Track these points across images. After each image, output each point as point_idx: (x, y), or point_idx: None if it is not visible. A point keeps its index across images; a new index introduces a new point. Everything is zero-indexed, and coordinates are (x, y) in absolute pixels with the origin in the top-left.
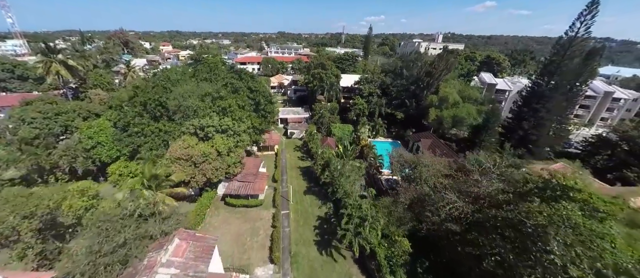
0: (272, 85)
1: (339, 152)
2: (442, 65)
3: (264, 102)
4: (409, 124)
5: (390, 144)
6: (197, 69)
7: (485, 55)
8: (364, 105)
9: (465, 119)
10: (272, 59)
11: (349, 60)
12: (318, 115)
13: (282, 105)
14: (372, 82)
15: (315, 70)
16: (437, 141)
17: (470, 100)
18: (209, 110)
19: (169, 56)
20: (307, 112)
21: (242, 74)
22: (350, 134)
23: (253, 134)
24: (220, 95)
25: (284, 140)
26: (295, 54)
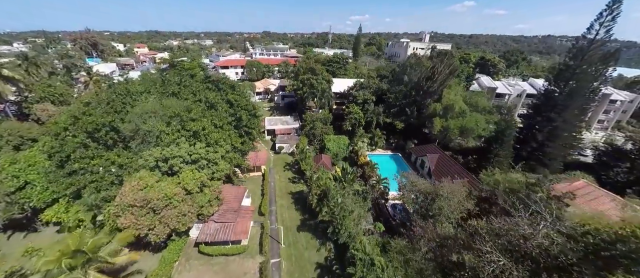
0: (257, 91)
1: (337, 176)
2: (445, 70)
3: (246, 117)
4: (410, 134)
5: (390, 157)
6: (165, 79)
7: (479, 57)
8: (360, 114)
9: (474, 130)
10: (256, 62)
11: (339, 63)
12: (309, 125)
13: (269, 113)
14: (367, 88)
15: (304, 76)
16: (444, 157)
17: (477, 109)
18: (177, 135)
19: (144, 59)
20: (297, 120)
21: (220, 84)
22: (346, 148)
23: (234, 158)
24: (191, 116)
25: (272, 156)
26: (282, 56)
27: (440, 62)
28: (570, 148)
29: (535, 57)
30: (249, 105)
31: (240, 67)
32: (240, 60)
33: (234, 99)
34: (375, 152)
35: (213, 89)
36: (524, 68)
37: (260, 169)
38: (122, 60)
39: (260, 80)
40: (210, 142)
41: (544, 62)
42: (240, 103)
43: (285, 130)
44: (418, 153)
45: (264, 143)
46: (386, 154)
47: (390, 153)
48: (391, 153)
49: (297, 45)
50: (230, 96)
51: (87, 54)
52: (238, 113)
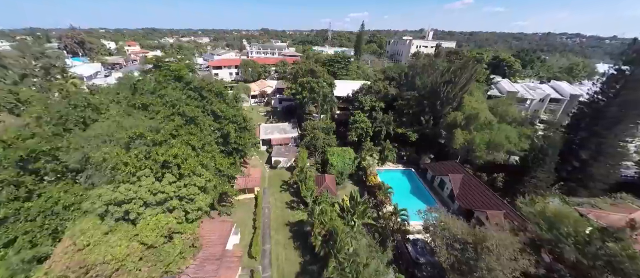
0: (252, 93)
1: (344, 206)
2: (465, 73)
3: (235, 134)
4: (424, 147)
5: (402, 173)
6: (137, 87)
7: (492, 56)
8: (368, 123)
9: (503, 146)
10: (252, 62)
11: (340, 62)
12: (310, 136)
13: (265, 119)
14: (374, 93)
15: (303, 79)
16: (470, 179)
17: (505, 119)
18: (138, 165)
19: (135, 58)
20: (296, 128)
21: (204, 92)
22: (352, 163)
23: (219, 185)
24: (159, 138)
25: (267, 172)
26: (280, 55)
27: (461, 67)
28: (617, 166)
29: (543, 55)
30: (238, 117)
31: (234, 67)
32: (234, 60)
33: (219, 110)
34: (384, 167)
35: (195, 98)
36: (539, 68)
37: (253, 190)
38: (111, 59)
39: (255, 82)
40: (185, 173)
41: (559, 61)
42: (227, 114)
43: (282, 140)
44: (436, 171)
45: (258, 155)
46: (397, 169)
47: (402, 169)
48: (403, 168)
49: (296, 43)
50: (216, 107)
51: (73, 54)
52: (225, 128)
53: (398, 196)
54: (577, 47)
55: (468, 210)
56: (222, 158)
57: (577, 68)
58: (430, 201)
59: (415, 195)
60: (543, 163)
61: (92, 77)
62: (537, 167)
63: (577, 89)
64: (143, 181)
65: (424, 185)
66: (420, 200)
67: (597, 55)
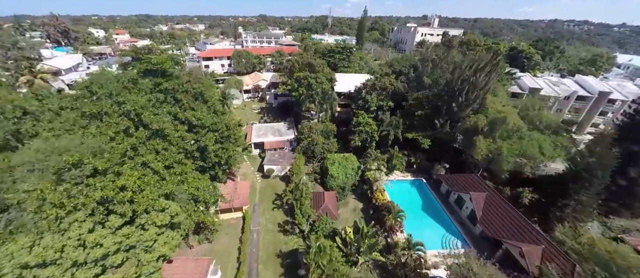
0: (245, 87)
1: (348, 239)
2: (488, 69)
3: (214, 147)
4: (438, 153)
5: (411, 184)
6: (93, 91)
7: (508, 47)
8: (373, 126)
9: (536, 159)
10: (245, 53)
11: (341, 53)
12: (307, 140)
13: (259, 117)
14: (380, 90)
15: (300, 74)
16: (497, 199)
17: (537, 124)
18: (68, 207)
19: (124, 47)
20: (292, 128)
21: (179, 94)
22: (355, 174)
23: (194, 214)
24: (103, 164)
25: (258, 182)
26: (276, 44)
27: (483, 62)
28: None
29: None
30: (220, 124)
31: (226, 58)
32: (226, 50)
33: (195, 118)
34: (391, 177)
35: (169, 102)
36: (559, 60)
37: (242, 209)
38: (97, 49)
39: (249, 74)
40: (140, 210)
41: (580, 52)
42: (205, 123)
43: (276, 144)
44: (454, 186)
45: (250, 160)
46: (406, 180)
47: (411, 179)
48: (412, 178)
49: (295, 31)
50: (190, 114)
51: (56, 43)
52: (202, 141)
53: (407, 214)
54: (584, 34)
55: (494, 238)
56: (199, 178)
57: (600, 60)
58: (446, 221)
59: (427, 212)
60: (589, 184)
61: (72, 69)
62: (580, 189)
63: (606, 85)
64: (72, 231)
65: (437, 200)
66: (434, 220)
67: (605, 43)
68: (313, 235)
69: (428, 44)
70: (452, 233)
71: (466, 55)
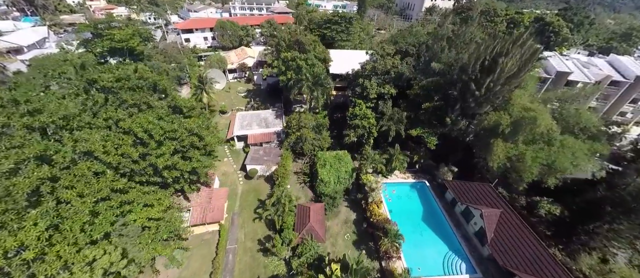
0: (230, 66)
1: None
2: (518, 55)
3: (172, 161)
4: (445, 151)
5: (412, 188)
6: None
7: (534, 17)
8: (372, 120)
9: (567, 170)
10: (230, 23)
11: (340, 24)
12: (295, 135)
13: (244, 102)
14: (381, 74)
15: (288, 54)
16: (513, 220)
17: (570, 126)
18: None
19: (100, 16)
20: (281, 116)
21: (123, 93)
22: (349, 177)
23: (149, 245)
24: None
25: (240, 184)
26: (268, 12)
27: (512, 44)
28: None
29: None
30: (180, 132)
31: (209, 29)
32: (208, 20)
33: (141, 128)
34: (390, 179)
35: (113, 104)
36: (587, 33)
37: (218, 222)
38: (69, 18)
39: (235, 50)
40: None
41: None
42: (156, 132)
43: (262, 138)
44: (461, 196)
45: (232, 155)
46: (406, 182)
47: (412, 181)
48: (413, 180)
49: None
50: (135, 124)
51: (21, 12)
52: (151, 156)
53: (405, 224)
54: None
55: (506, 268)
56: (154, 201)
57: (637, 34)
58: (450, 236)
59: (429, 223)
60: (636, 216)
61: (35, 46)
62: (621, 216)
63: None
64: None
65: (441, 209)
66: (435, 233)
67: (627, 8)
68: (295, 261)
69: (439, 10)
70: (456, 251)
71: (487, 31)
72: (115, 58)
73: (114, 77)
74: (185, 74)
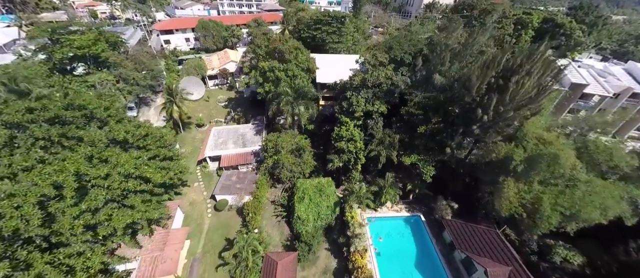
0: (210, 72)
1: None
2: (536, 74)
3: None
4: (443, 180)
5: (406, 222)
6: None
7: (542, 18)
8: (359, 143)
9: (593, 220)
10: (212, 23)
11: (331, 25)
12: (272, 159)
13: (224, 112)
14: (372, 86)
15: (265, 64)
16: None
17: (597, 163)
18: None
19: (82, 14)
20: (262, 131)
21: (35, 129)
22: (332, 212)
23: None
24: None
25: (207, 217)
26: (258, 9)
27: (527, 58)
28: None
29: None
30: (114, 179)
31: (191, 30)
32: (189, 19)
33: (46, 180)
34: (380, 213)
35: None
36: (598, 34)
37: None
38: (49, 16)
39: (219, 52)
40: None
41: (621, 20)
42: (68, 185)
43: (237, 158)
44: (462, 243)
45: (204, 179)
46: (398, 216)
47: (406, 215)
48: (406, 213)
49: None
50: (40, 177)
51: None
52: (58, 217)
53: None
54: None
55: None
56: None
57: None
58: None
59: (423, 270)
60: None
61: (2, 50)
62: None
63: None
64: None
65: (438, 254)
66: None
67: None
68: None
69: (439, 6)
70: None
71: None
72: (80, 65)
73: (24, 107)
74: (158, 83)
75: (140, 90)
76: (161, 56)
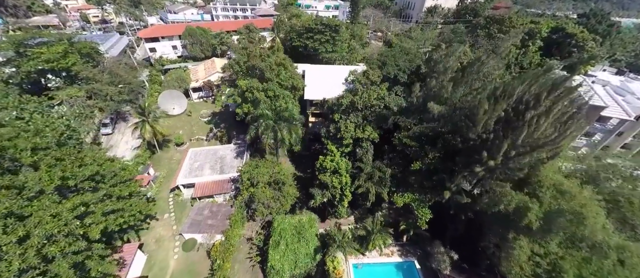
0: (194, 85)
1: None
2: (557, 110)
3: None
4: (441, 220)
5: (397, 269)
6: None
7: (551, 27)
8: (345, 176)
9: None
10: (199, 31)
11: (324, 33)
12: (247, 192)
13: (206, 129)
14: (362, 109)
15: (243, 83)
16: None
17: (627, 219)
18: None
19: (75, 17)
20: (243, 155)
21: None
22: (311, 260)
23: None
24: None
25: (173, 262)
26: (253, 15)
27: (547, 90)
28: None
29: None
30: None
31: (178, 37)
32: (175, 26)
33: None
34: (368, 259)
35: None
36: (612, 43)
37: None
38: (40, 20)
39: (206, 61)
40: None
41: (632, 26)
42: None
43: (213, 187)
44: None
45: (176, 209)
46: (389, 262)
47: (398, 260)
48: (399, 259)
49: None
50: None
51: None
52: None
53: None
54: None
55: None
56: None
57: None
58: None
59: None
60: None
61: None
62: None
63: None
64: None
65: None
66: None
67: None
68: None
69: (441, 10)
70: None
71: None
72: (53, 79)
73: None
74: (137, 96)
75: (115, 106)
76: (143, 66)
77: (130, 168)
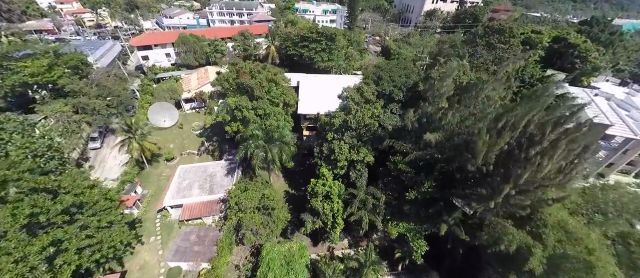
0: (185, 95)
1: None
2: (564, 147)
3: None
4: (439, 248)
5: None
6: None
7: (552, 37)
8: (338, 203)
9: None
10: (192, 38)
11: (319, 42)
12: (236, 215)
13: (198, 143)
14: (356, 127)
15: (232, 100)
16: None
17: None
18: None
19: (70, 21)
20: (235, 172)
21: None
22: None
23: None
24: None
25: None
26: (249, 20)
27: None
28: None
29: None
30: None
31: (171, 45)
32: (168, 34)
33: None
34: None
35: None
36: (615, 51)
37: None
38: (34, 25)
39: (199, 69)
40: None
41: None
42: None
43: (201, 209)
44: None
45: (163, 231)
46: None
47: None
48: None
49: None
50: None
51: None
52: None
53: None
54: None
55: None
56: None
57: None
58: None
59: None
60: None
61: None
62: None
63: None
64: None
65: None
66: None
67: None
68: None
69: (436, 12)
70: None
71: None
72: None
73: None
74: (127, 108)
75: (103, 119)
76: (135, 75)
77: (113, 193)
